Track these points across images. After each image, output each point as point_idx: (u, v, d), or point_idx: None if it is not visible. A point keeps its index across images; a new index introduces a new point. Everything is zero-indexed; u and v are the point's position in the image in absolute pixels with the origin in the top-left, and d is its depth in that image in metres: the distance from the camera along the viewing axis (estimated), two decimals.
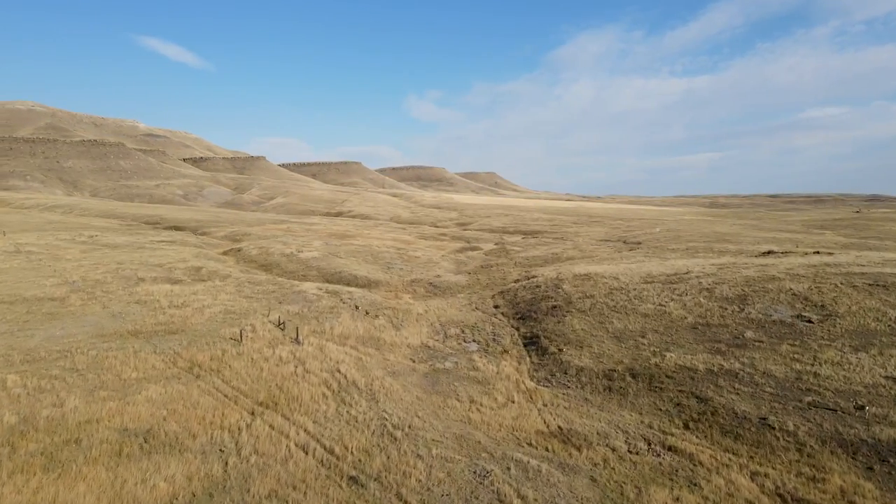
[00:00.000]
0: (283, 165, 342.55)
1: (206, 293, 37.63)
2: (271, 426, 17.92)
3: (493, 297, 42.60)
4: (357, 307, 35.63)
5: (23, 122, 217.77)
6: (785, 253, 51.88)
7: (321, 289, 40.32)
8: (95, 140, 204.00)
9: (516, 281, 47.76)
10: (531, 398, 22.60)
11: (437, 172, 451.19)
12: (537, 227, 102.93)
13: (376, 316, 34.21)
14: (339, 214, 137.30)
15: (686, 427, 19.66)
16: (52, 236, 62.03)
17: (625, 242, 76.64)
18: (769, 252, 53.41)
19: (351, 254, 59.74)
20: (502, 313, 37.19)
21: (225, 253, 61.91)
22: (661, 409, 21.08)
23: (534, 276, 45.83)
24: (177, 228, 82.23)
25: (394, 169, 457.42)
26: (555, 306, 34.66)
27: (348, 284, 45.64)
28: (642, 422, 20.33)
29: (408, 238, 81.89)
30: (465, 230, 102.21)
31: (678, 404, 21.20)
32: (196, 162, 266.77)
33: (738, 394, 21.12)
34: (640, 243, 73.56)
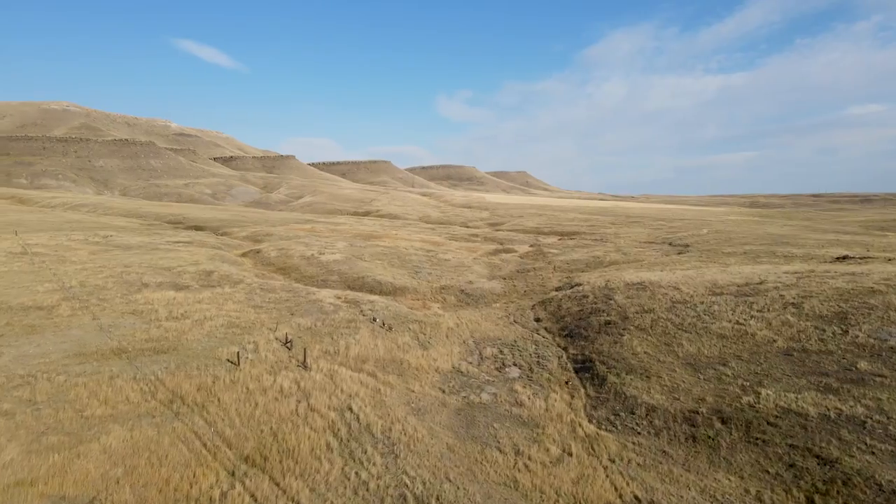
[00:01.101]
0: (312, 164, 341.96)
1: (211, 302, 33.63)
2: (253, 497, 13.43)
3: (532, 307, 37.67)
4: (377, 320, 31.13)
5: (57, 122, 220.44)
6: (864, 259, 45.68)
7: (339, 297, 35.97)
8: (127, 139, 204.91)
9: (558, 289, 42.73)
10: (593, 449, 17.68)
11: (468, 171, 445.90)
12: (574, 227, 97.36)
13: (400, 331, 29.63)
14: (366, 214, 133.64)
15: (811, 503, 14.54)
16: (65, 236, 59.26)
17: (671, 245, 70.72)
18: (844, 257, 47.21)
19: (376, 256, 55.43)
20: (545, 329, 32.22)
21: (243, 255, 58.29)
22: (768, 473, 15.95)
23: (578, 284, 40.71)
24: (197, 228, 79.23)
25: (423, 168, 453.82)
26: (608, 322, 29.54)
27: (371, 291, 41.23)
28: (747, 491, 15.26)
29: (437, 239, 77.33)
30: (497, 231, 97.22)
31: (792, 465, 16.03)
32: (226, 161, 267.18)
33: (873, 453, 15.86)
34: (688, 246, 67.52)
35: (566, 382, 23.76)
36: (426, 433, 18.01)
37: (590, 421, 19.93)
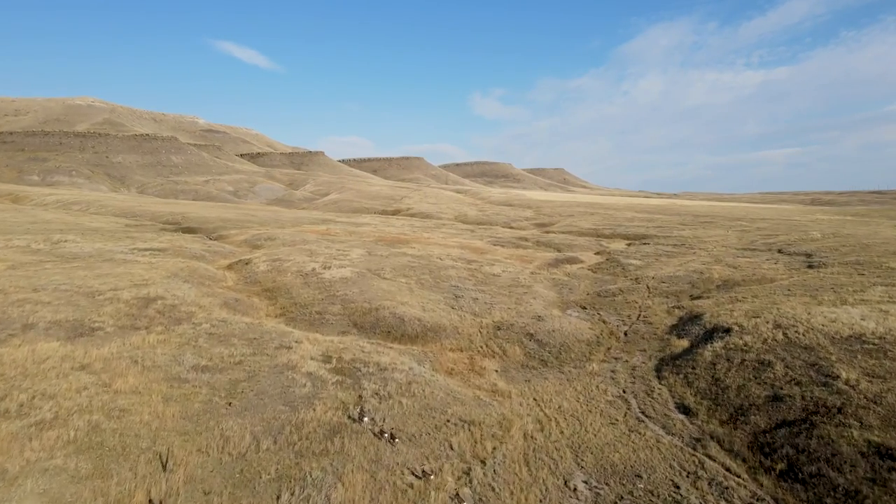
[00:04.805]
0: (343, 161, 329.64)
1: (103, 369, 19.05)
2: None
3: (657, 373, 22.05)
4: (372, 419, 15.96)
5: (81, 118, 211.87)
6: None
7: (329, 359, 20.97)
8: (147, 134, 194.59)
9: (677, 331, 27.03)
10: None
11: (503, 168, 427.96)
12: (638, 229, 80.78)
13: (433, 457, 14.41)
14: (395, 213, 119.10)
15: None
16: (3, 243, 46.07)
17: (780, 252, 53.87)
18: None
19: (400, 271, 40.49)
20: (717, 440, 16.45)
21: (229, 266, 44.06)
22: None
23: (723, 329, 24.76)
24: (189, 231, 65.61)
25: (457, 165, 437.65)
26: (882, 449, 13.80)
27: (387, 336, 26.25)
28: None
29: (479, 244, 61.83)
30: (548, 233, 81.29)
31: None
32: (253, 157, 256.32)
33: None
34: (810, 255, 50.23)
35: None
36: None
37: None
